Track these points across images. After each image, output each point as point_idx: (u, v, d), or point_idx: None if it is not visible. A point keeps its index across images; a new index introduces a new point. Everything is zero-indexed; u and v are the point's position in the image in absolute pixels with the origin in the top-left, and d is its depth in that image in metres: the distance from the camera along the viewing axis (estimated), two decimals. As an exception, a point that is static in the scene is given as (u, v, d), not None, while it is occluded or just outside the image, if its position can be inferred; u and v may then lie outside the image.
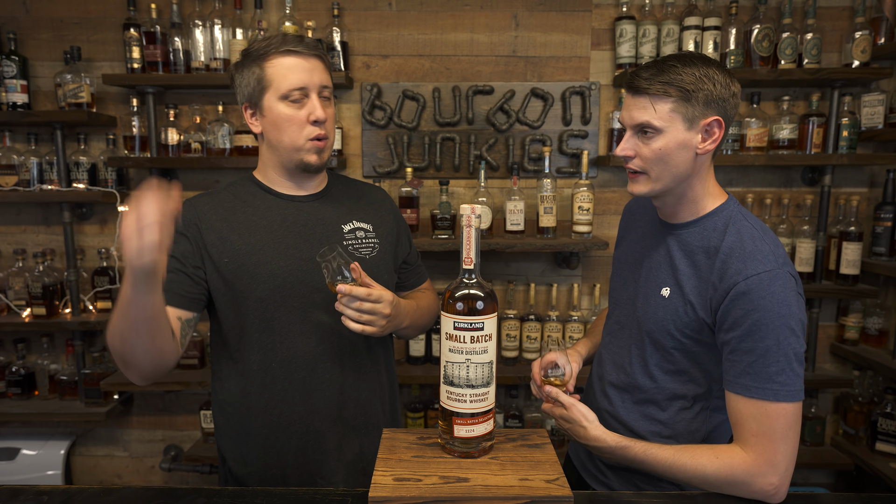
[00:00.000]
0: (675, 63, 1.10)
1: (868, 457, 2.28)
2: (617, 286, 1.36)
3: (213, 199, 1.31)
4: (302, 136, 1.24)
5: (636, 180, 1.17)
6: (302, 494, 1.07)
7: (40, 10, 2.37)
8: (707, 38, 2.23)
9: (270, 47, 1.22)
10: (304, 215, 1.31)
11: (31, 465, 2.49)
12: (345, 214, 1.36)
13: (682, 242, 1.19)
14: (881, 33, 2.27)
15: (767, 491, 1.05)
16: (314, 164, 1.27)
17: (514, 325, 2.38)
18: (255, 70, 1.23)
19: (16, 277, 2.41)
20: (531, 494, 0.93)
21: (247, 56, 1.25)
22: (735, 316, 1.07)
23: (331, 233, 1.32)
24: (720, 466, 1.07)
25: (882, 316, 2.38)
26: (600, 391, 1.34)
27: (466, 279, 1.01)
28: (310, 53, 1.23)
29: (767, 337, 1.04)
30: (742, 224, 1.14)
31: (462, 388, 1.01)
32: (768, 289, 1.04)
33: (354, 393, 1.32)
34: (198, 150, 2.34)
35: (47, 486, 1.11)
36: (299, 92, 1.22)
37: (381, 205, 1.46)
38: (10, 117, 2.28)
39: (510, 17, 2.38)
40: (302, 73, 1.22)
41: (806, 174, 2.45)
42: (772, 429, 1.05)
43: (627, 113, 1.15)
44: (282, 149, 1.26)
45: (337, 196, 1.38)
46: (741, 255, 1.09)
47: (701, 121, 1.10)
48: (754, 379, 1.05)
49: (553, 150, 2.42)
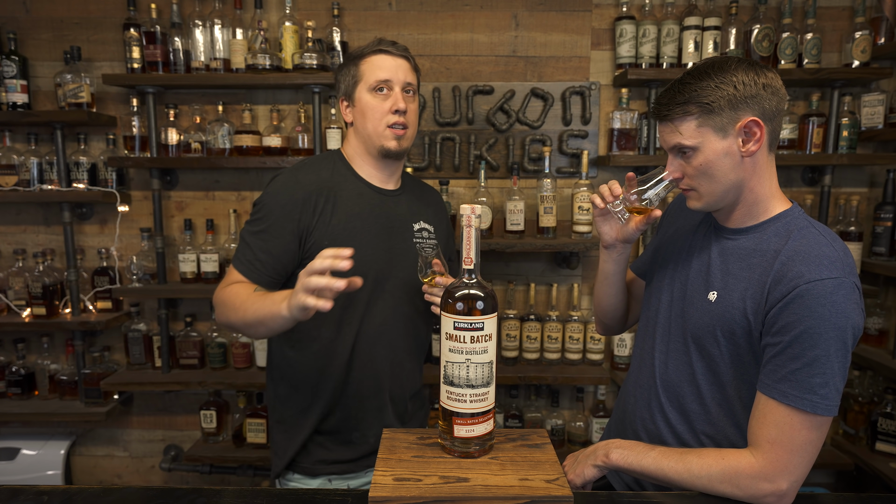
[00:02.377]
0: (691, 80, 1.09)
1: (868, 457, 2.27)
2: (655, 289, 1.33)
3: (318, 176, 1.44)
4: (383, 122, 1.41)
5: (689, 196, 1.18)
6: (302, 494, 1.07)
7: (40, 10, 2.37)
8: (707, 38, 2.23)
9: (367, 48, 1.43)
10: (387, 209, 1.48)
11: (31, 465, 2.49)
12: (415, 213, 1.54)
13: (737, 246, 1.16)
14: (881, 33, 2.27)
15: (775, 493, 1.03)
16: (393, 149, 1.43)
17: (514, 325, 2.38)
18: (352, 68, 1.44)
19: (16, 277, 2.41)
20: (531, 494, 0.93)
21: (347, 58, 1.47)
22: (788, 320, 1.02)
23: (405, 229, 1.50)
24: (726, 468, 1.06)
25: (882, 316, 2.38)
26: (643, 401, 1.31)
27: (466, 279, 1.01)
28: (398, 53, 1.43)
29: (818, 346, 0.99)
30: (809, 230, 1.10)
31: (462, 388, 1.01)
32: (830, 297, 0.99)
33: (409, 364, 1.54)
34: (198, 150, 2.34)
35: (47, 486, 1.11)
36: (385, 84, 1.40)
37: (439, 207, 1.66)
38: (10, 117, 2.28)
39: (510, 17, 2.38)
40: (388, 69, 1.41)
41: (806, 174, 2.45)
42: (791, 439, 1.02)
43: (662, 138, 1.16)
44: (366, 135, 1.43)
45: (409, 195, 1.56)
46: (805, 258, 1.04)
47: (734, 126, 1.08)
48: (794, 387, 1.01)
49: (553, 150, 2.42)
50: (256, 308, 1.26)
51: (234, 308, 1.32)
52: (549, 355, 2.40)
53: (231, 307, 1.33)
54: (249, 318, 1.28)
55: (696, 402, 1.20)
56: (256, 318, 1.26)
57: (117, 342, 2.57)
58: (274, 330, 1.27)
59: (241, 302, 1.31)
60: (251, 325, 1.29)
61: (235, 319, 1.32)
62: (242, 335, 1.39)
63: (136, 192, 2.48)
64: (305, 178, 1.43)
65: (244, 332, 1.35)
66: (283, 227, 1.38)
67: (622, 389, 1.43)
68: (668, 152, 1.16)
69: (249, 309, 1.28)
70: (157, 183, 2.37)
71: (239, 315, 1.30)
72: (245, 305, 1.29)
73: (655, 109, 1.14)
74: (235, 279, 1.39)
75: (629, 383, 1.37)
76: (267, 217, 1.39)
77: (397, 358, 1.50)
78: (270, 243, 1.38)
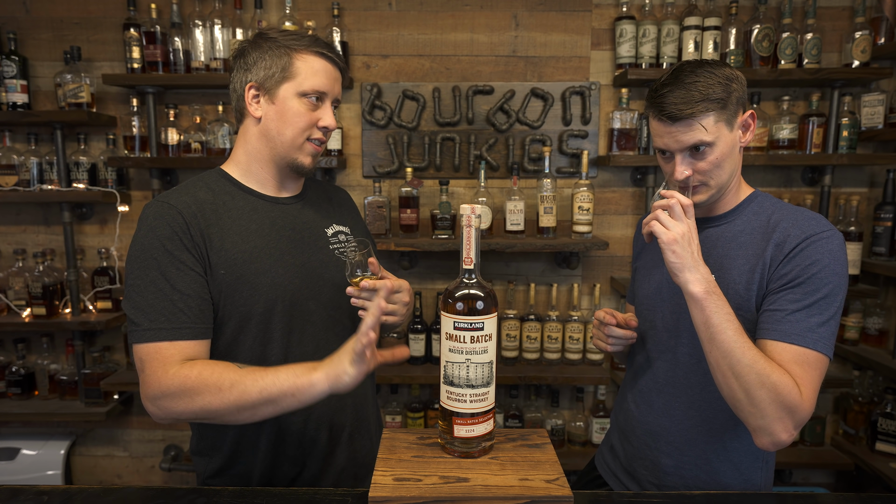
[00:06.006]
0: (696, 78, 1.12)
1: (868, 457, 2.27)
2: (648, 293, 1.33)
3: (192, 197, 1.18)
4: (304, 134, 1.21)
5: (697, 191, 1.19)
6: (302, 494, 1.07)
7: (40, 10, 2.37)
8: (707, 38, 2.23)
9: (304, 40, 1.20)
10: (290, 219, 1.26)
11: (31, 465, 2.49)
12: (325, 217, 1.34)
13: (723, 231, 1.22)
14: (881, 33, 2.27)
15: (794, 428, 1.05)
16: (307, 166, 1.24)
17: (514, 325, 2.38)
18: (283, 57, 1.19)
19: (16, 277, 2.41)
20: (531, 494, 0.93)
21: (271, 39, 1.20)
22: (791, 274, 1.09)
23: (317, 236, 1.29)
24: (787, 381, 1.03)
25: (882, 316, 2.38)
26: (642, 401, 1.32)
27: (466, 279, 1.01)
28: (339, 64, 1.25)
29: (819, 291, 1.07)
30: (781, 203, 1.21)
31: (462, 388, 1.01)
32: (827, 246, 1.09)
33: (351, 398, 1.30)
34: (198, 150, 2.34)
35: (47, 486, 1.11)
36: (318, 95, 1.21)
37: (349, 205, 1.46)
38: (10, 117, 2.28)
39: (510, 17, 2.38)
40: (328, 79, 1.22)
41: (806, 174, 2.45)
42: (812, 379, 1.05)
43: (672, 139, 1.15)
44: (279, 140, 1.21)
45: (314, 198, 1.35)
46: (796, 221, 1.13)
47: (737, 119, 1.16)
48: (794, 326, 1.07)
49: (553, 150, 2.42)
50: (267, 384, 1.02)
51: (218, 389, 1.03)
52: (549, 355, 2.40)
53: (216, 389, 1.03)
54: (254, 398, 1.02)
55: (705, 391, 1.21)
56: (270, 396, 1.02)
57: (117, 342, 2.57)
58: (291, 407, 1.04)
59: (233, 380, 1.04)
60: (255, 407, 1.04)
61: (218, 404, 1.03)
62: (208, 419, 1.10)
63: (136, 192, 2.48)
64: (179, 200, 1.16)
65: (221, 419, 1.07)
66: (179, 260, 1.11)
67: (621, 390, 1.43)
68: (677, 154, 1.16)
69: (254, 387, 1.03)
70: (157, 183, 2.37)
71: (238, 397, 1.03)
72: (243, 381, 1.03)
73: (667, 109, 1.13)
74: (169, 355, 1.07)
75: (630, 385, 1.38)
76: (154, 259, 1.10)
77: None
78: (179, 283, 1.10)
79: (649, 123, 1.23)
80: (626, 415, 1.36)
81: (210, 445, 1.25)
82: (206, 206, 1.18)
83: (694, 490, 1.23)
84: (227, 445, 1.23)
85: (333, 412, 1.27)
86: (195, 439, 1.29)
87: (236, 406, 1.03)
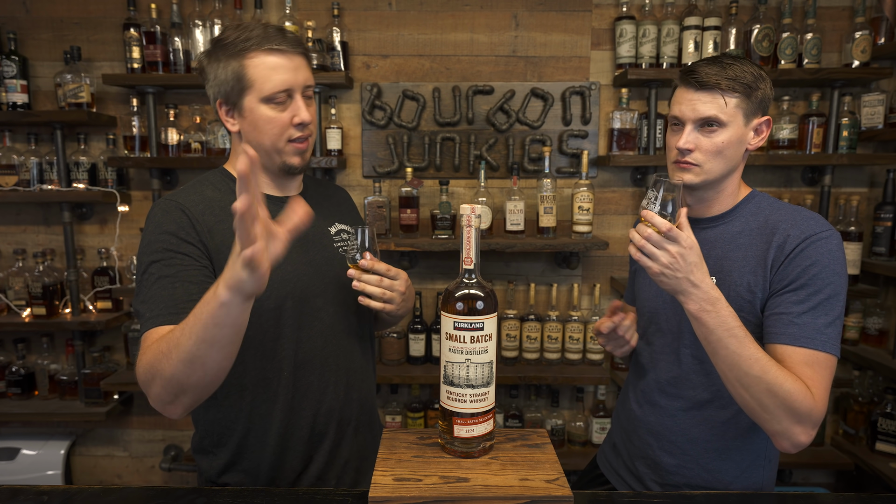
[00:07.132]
0: (734, 62, 1.14)
1: (868, 457, 2.27)
2: (650, 294, 1.33)
3: (200, 196, 1.18)
4: (283, 138, 1.17)
5: (688, 170, 1.18)
6: (302, 494, 1.07)
7: (40, 10, 2.37)
8: (707, 38, 2.23)
9: (250, 42, 1.12)
10: None
11: (31, 465, 2.49)
12: (327, 216, 1.33)
13: (721, 233, 1.21)
14: (881, 33, 2.27)
15: (811, 430, 1.05)
16: (297, 165, 1.21)
17: (514, 325, 2.38)
18: (233, 66, 1.13)
19: (16, 277, 2.41)
20: (531, 494, 0.93)
21: (222, 48, 1.14)
22: (793, 275, 1.09)
23: (321, 235, 1.29)
24: (799, 388, 1.02)
25: (882, 316, 2.38)
26: (645, 401, 1.32)
27: (466, 279, 1.01)
28: (294, 51, 1.15)
29: (822, 291, 1.07)
30: (779, 203, 1.21)
31: (462, 388, 1.01)
32: (826, 246, 1.09)
33: (357, 393, 1.31)
34: (198, 150, 2.34)
35: (47, 486, 1.11)
36: (284, 94, 1.14)
37: (349, 204, 1.46)
38: (10, 117, 2.28)
39: (510, 17, 2.38)
40: (286, 74, 1.14)
41: (806, 174, 2.45)
42: (823, 379, 1.06)
43: (690, 107, 1.15)
44: (262, 151, 1.18)
45: (316, 197, 1.33)
46: (795, 222, 1.13)
47: (755, 119, 1.16)
48: (803, 329, 1.07)
49: (553, 150, 2.42)
50: (191, 324, 0.93)
51: (166, 352, 0.96)
52: (549, 355, 2.40)
53: (163, 355, 0.96)
54: (189, 344, 0.93)
55: (707, 391, 1.21)
56: (198, 335, 0.92)
57: (117, 342, 2.57)
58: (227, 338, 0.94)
59: (172, 338, 0.96)
60: (195, 355, 0.94)
61: (174, 363, 0.95)
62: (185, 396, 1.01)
63: (136, 192, 2.48)
64: (186, 198, 1.16)
65: (187, 381, 0.97)
66: (188, 257, 1.10)
67: (624, 389, 1.43)
68: (689, 123, 1.16)
69: (184, 333, 0.94)
70: (157, 183, 2.37)
71: (178, 352, 0.94)
72: (179, 335, 0.95)
73: (698, 76, 1.13)
74: None
75: (633, 384, 1.38)
76: (163, 257, 1.09)
77: (352, 380, 1.30)
78: (184, 283, 1.08)
79: (672, 95, 1.22)
80: (628, 414, 1.36)
81: (215, 442, 1.25)
82: (215, 203, 1.18)
83: (696, 489, 1.23)
84: (234, 441, 1.23)
85: (341, 406, 1.28)
86: (198, 437, 1.29)
87: (182, 362, 0.95)
